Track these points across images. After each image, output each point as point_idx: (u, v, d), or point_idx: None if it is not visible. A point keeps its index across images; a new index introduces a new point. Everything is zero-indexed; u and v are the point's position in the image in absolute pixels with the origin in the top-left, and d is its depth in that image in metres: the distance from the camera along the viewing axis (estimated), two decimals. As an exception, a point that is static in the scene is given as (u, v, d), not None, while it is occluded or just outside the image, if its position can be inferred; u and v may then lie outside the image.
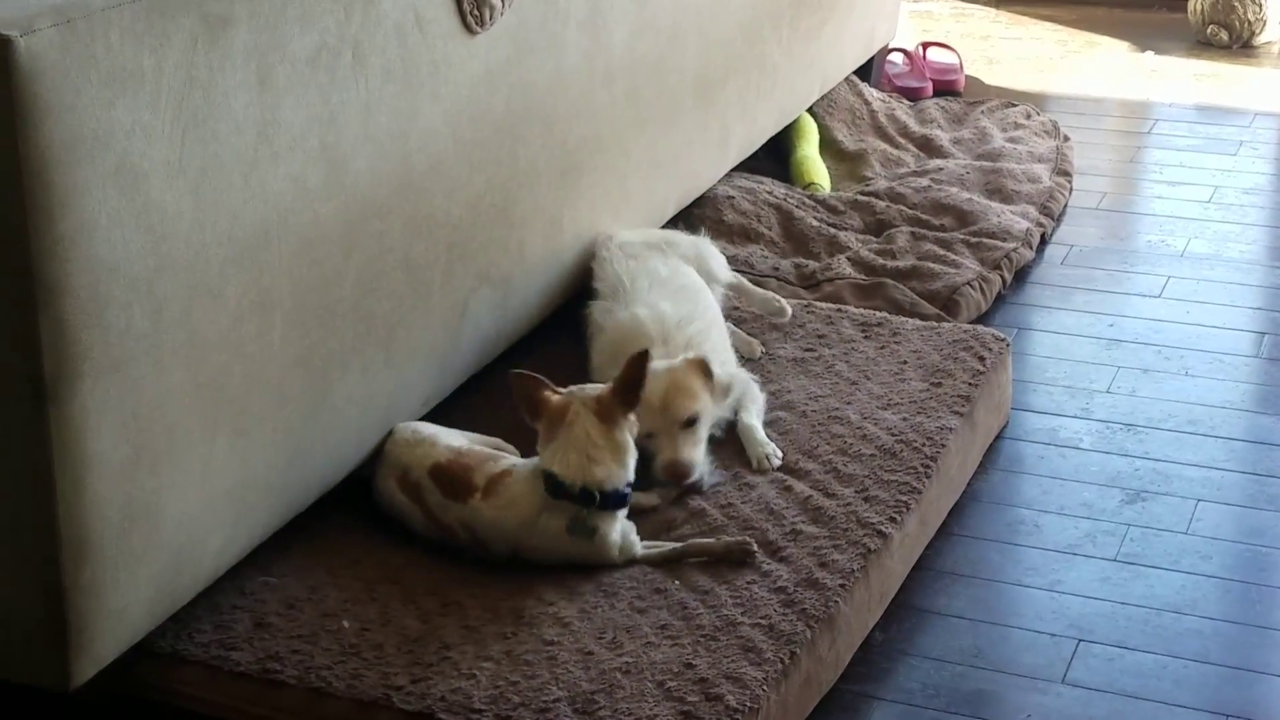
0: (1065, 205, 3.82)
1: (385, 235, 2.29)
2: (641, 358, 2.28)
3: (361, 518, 2.37)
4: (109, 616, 1.92)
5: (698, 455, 2.45)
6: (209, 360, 1.99)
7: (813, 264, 3.34)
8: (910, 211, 3.60)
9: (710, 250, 2.95)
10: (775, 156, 3.86)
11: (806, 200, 3.65)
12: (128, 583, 1.93)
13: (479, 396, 2.68)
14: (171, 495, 1.97)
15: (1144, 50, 5.08)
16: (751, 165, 3.70)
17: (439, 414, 2.55)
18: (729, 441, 2.55)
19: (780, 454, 2.51)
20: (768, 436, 2.54)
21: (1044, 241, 3.63)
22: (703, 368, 2.48)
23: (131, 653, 2.01)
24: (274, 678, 2.04)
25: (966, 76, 4.63)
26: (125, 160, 1.81)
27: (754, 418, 2.58)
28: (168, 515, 1.97)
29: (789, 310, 2.94)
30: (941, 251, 3.39)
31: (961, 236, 3.47)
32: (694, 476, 2.43)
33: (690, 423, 2.44)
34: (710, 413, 2.49)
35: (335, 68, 2.13)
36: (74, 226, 1.75)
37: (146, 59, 1.81)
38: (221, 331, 2.00)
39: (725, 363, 2.65)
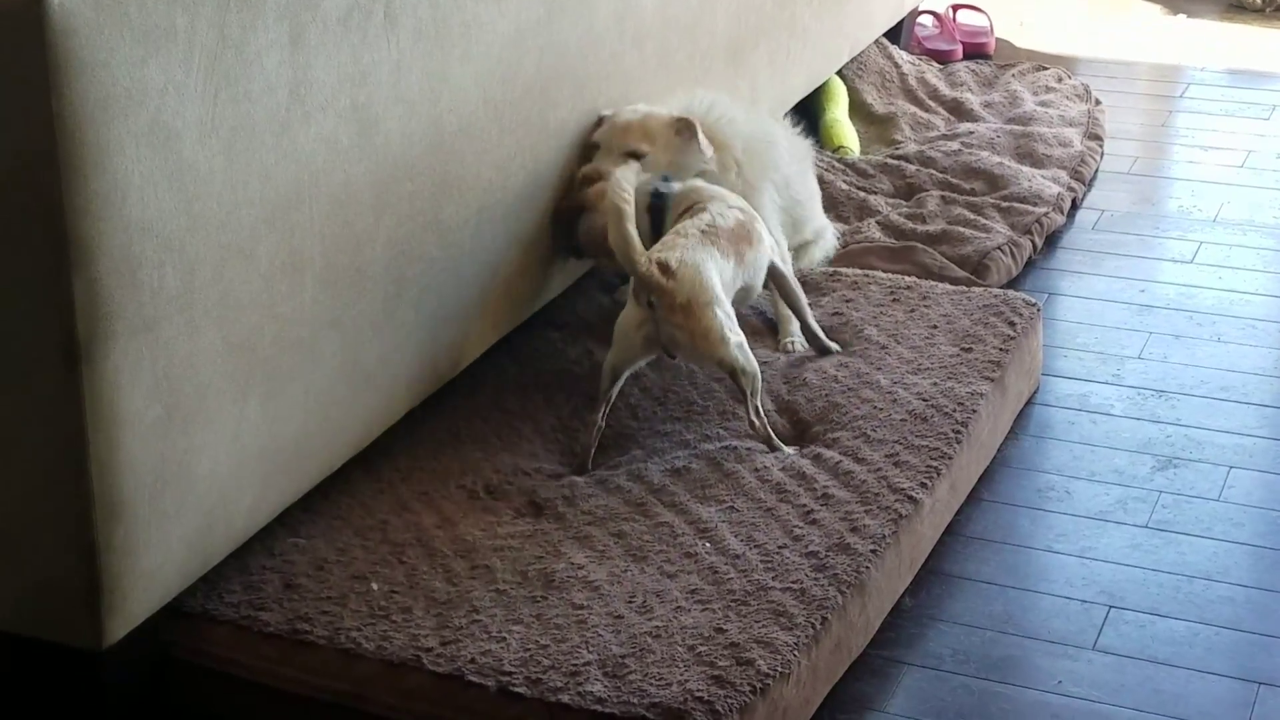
0: (1096, 170, 3.79)
1: (416, 197, 2.29)
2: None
3: (390, 480, 2.37)
4: (141, 576, 1.92)
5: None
6: (241, 321, 1.98)
7: (842, 227, 3.33)
8: (940, 175, 3.58)
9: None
10: (805, 119, 3.84)
11: (836, 164, 3.63)
12: (159, 543, 1.93)
13: (509, 357, 2.68)
14: (203, 455, 1.97)
15: (1176, 13, 5.04)
16: (781, 128, 3.68)
17: (469, 376, 2.55)
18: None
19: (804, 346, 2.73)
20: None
21: (1075, 206, 3.61)
22: (688, 126, 2.71)
23: (162, 613, 2.01)
24: (303, 638, 2.04)
25: (997, 39, 4.59)
26: (158, 119, 1.80)
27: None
28: (199, 475, 1.97)
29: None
30: (972, 216, 3.37)
31: (992, 201, 3.45)
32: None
33: (633, 155, 2.65)
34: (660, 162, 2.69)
35: (367, 27, 2.12)
36: (107, 185, 1.75)
37: (179, 17, 1.81)
38: (253, 292, 2.00)
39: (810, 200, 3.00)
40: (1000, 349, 2.71)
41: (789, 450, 2.43)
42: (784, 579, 2.13)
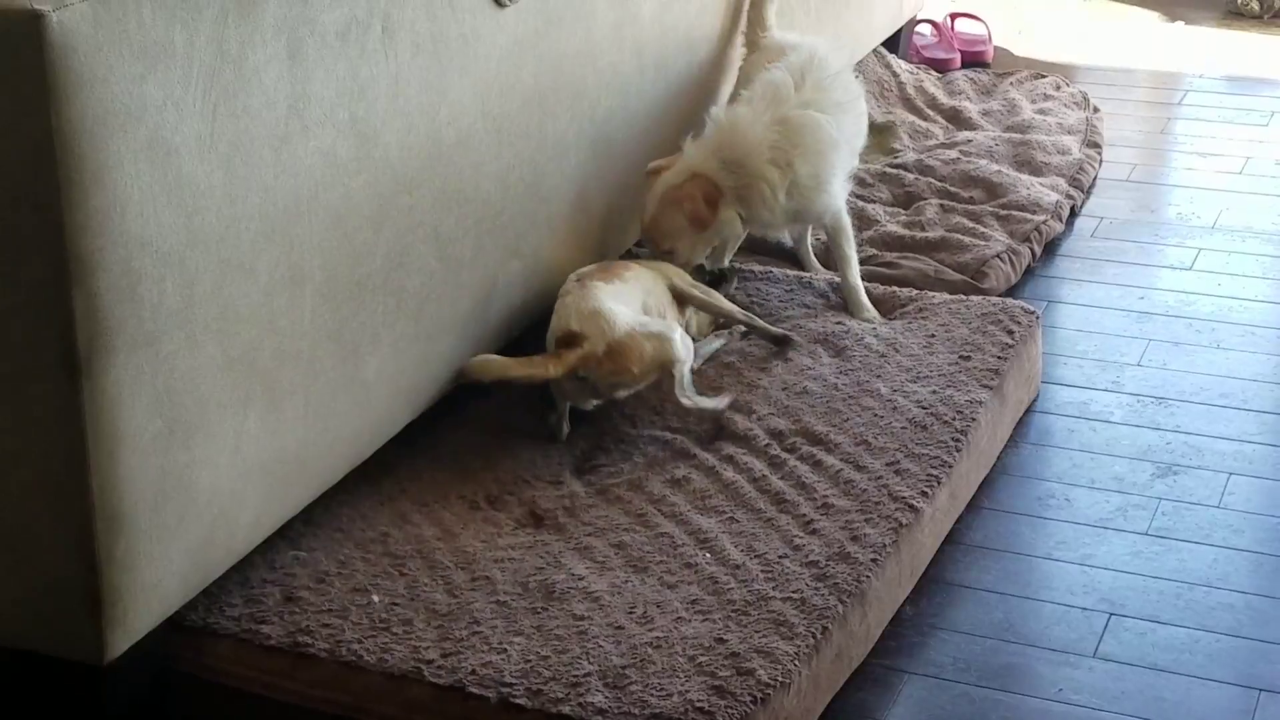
0: (1095, 177, 3.80)
1: (415, 209, 2.29)
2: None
3: (390, 492, 2.37)
4: (143, 590, 1.92)
5: None
6: (240, 335, 1.99)
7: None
8: (939, 184, 3.59)
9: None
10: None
11: (835, 172, 3.63)
12: (161, 556, 1.94)
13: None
14: (204, 469, 1.97)
15: (1174, 20, 5.05)
16: (780, 137, 3.68)
17: (468, 388, 2.55)
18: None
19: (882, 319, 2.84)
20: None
21: (1073, 214, 3.61)
22: (698, 200, 2.73)
23: (163, 626, 2.01)
24: (304, 651, 2.04)
25: (995, 48, 4.60)
26: (157, 135, 1.81)
27: (854, 276, 2.88)
28: (200, 489, 1.97)
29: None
30: (970, 224, 3.38)
31: (991, 209, 3.46)
32: None
33: (667, 254, 2.78)
34: (697, 247, 2.80)
35: (365, 41, 2.13)
36: (107, 201, 1.75)
37: (178, 33, 1.81)
38: (253, 306, 2.00)
39: (828, 184, 2.86)
40: (999, 357, 2.71)
41: (715, 403, 2.54)
42: (784, 589, 2.13)
